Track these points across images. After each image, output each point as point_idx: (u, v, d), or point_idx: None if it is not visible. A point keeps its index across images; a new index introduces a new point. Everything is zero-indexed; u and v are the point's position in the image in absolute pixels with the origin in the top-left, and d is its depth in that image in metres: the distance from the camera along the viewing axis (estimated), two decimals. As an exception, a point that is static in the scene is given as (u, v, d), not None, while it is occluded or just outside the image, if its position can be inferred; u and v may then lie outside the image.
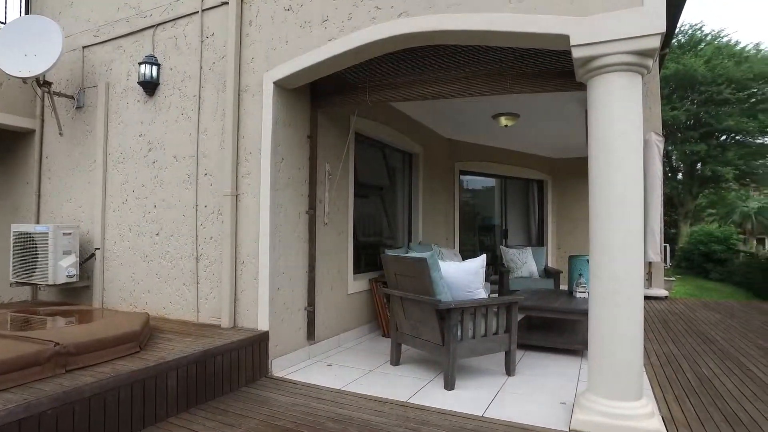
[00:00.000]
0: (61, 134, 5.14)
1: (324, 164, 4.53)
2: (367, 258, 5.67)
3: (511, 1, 3.01)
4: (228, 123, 4.00)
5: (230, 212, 3.95)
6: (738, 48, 22.00)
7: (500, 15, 3.03)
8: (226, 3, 4.12)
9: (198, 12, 4.34)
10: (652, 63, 2.91)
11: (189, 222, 4.29)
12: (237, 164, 4.01)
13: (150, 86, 4.54)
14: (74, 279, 4.68)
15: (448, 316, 3.49)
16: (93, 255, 4.83)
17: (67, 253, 4.64)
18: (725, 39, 22.71)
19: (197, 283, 4.22)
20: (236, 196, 3.99)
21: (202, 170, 4.23)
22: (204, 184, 4.21)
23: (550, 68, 3.48)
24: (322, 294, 4.48)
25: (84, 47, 5.13)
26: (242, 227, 3.98)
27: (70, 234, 4.69)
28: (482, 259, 3.84)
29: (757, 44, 23.20)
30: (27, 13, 5.68)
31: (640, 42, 2.70)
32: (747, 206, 30.79)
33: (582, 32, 2.82)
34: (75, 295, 5.01)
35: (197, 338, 3.53)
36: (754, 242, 29.80)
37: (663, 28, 2.68)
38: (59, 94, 5.07)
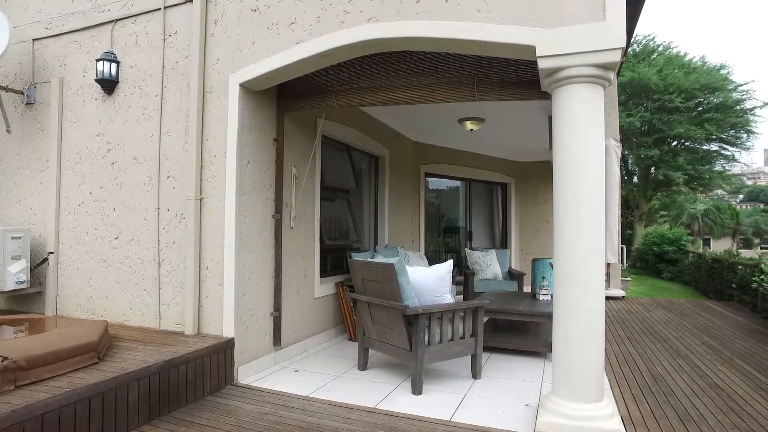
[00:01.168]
0: (8, 131, 4.86)
1: (290, 167, 4.47)
2: (333, 261, 5.64)
3: (480, 10, 3.06)
4: (192, 125, 3.89)
5: (194, 216, 3.84)
6: (686, 59, 23.16)
7: (468, 24, 3.07)
8: (190, 1, 4.01)
9: (160, 9, 4.20)
10: (613, 76, 3.02)
11: (151, 226, 4.15)
12: (201, 167, 3.90)
13: (109, 84, 4.37)
14: (24, 285, 4.45)
15: (416, 321, 3.51)
16: (46, 260, 4.60)
17: (16, 257, 4.40)
18: (675, 50, 23.88)
19: (159, 288, 4.08)
20: (200, 200, 3.88)
21: (165, 173, 4.10)
22: (167, 187, 4.08)
23: (515, 77, 3.55)
24: (288, 298, 4.42)
25: (35, 39, 4.87)
26: (207, 232, 3.88)
27: (19, 238, 4.45)
28: (449, 264, 3.88)
29: (703, 57, 24.50)
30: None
31: (603, 56, 2.80)
32: (695, 208, 32.54)
33: (548, 44, 2.89)
34: (26, 302, 4.75)
35: (159, 346, 3.42)
36: (701, 242, 31.48)
37: (623, 43, 2.79)
38: (6, 89, 4.80)
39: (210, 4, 3.99)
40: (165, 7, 4.19)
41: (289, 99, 4.24)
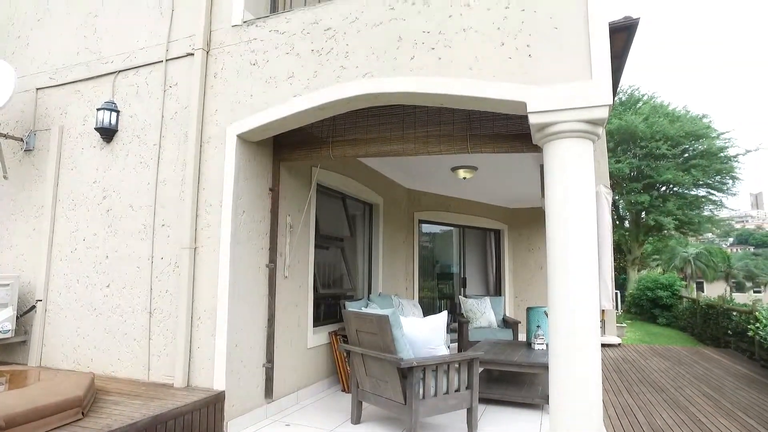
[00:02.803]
0: (5, 177, 4.89)
1: (285, 216, 4.49)
2: (327, 309, 5.58)
3: (471, 68, 3.19)
4: (189, 174, 3.94)
5: (188, 265, 3.82)
6: (670, 108, 23.98)
7: (461, 80, 3.19)
8: (192, 54, 4.14)
9: (162, 61, 4.33)
10: (602, 130, 3.12)
11: (143, 274, 4.11)
12: (196, 216, 3.92)
13: (108, 133, 4.43)
14: (9, 335, 4.33)
15: (410, 374, 3.45)
16: (33, 307, 4.52)
17: (2, 305, 4.31)
18: (659, 100, 24.74)
19: (149, 338, 4.00)
20: (195, 248, 3.88)
21: (160, 221, 4.10)
22: (161, 236, 4.07)
23: (507, 130, 3.66)
24: (280, 349, 4.34)
25: (38, 89, 4.98)
26: (200, 281, 3.85)
27: (8, 285, 4.38)
28: (443, 315, 3.85)
29: (685, 106, 25.47)
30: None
31: (591, 112, 2.91)
32: (686, 252, 32.75)
33: (537, 100, 3.01)
34: (8, 352, 4.62)
35: (147, 400, 3.32)
36: (694, 286, 31.49)
37: (610, 101, 2.90)
38: (6, 136, 4.85)
39: (210, 57, 4.12)
40: (167, 60, 4.31)
41: (285, 149, 4.32)
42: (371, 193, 6.65)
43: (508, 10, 3.18)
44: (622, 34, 7.82)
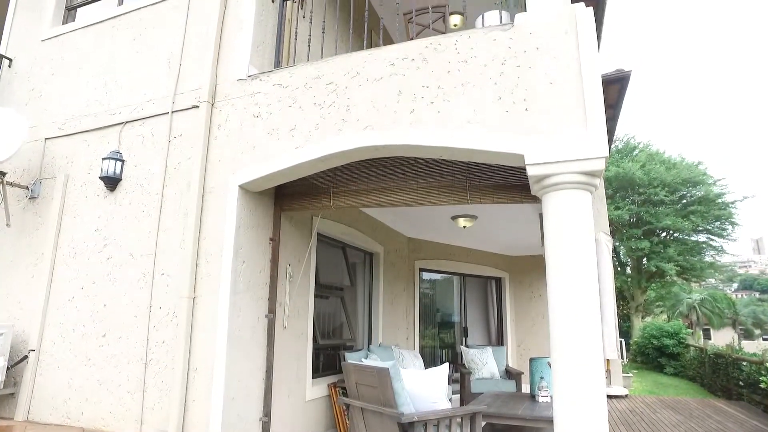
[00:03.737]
0: (8, 225, 4.91)
1: (286, 266, 4.48)
2: (326, 360, 5.46)
3: (470, 121, 3.27)
4: (190, 223, 3.96)
5: (186, 315, 3.78)
6: (666, 156, 24.41)
7: (459, 133, 3.26)
8: (197, 107, 4.25)
9: (168, 113, 4.44)
10: (599, 181, 3.17)
11: (141, 324, 4.05)
12: (197, 265, 3.91)
13: (112, 182, 4.49)
14: (-2, 387, 4.22)
15: (411, 430, 3.33)
16: (26, 357, 4.42)
17: (-5, 356, 4.23)
18: (654, 148, 25.24)
19: (144, 390, 3.89)
20: (194, 298, 3.84)
21: (159, 270, 4.09)
22: (160, 285, 4.05)
23: (506, 181, 3.71)
24: (278, 402, 4.22)
25: (47, 139, 5.09)
26: (198, 331, 3.79)
27: (1, 335, 4.31)
28: (445, 368, 3.78)
29: (680, 154, 26.01)
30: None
31: (587, 164, 2.96)
32: (690, 298, 32.37)
33: (535, 152, 3.06)
34: (-3, 404, 4.49)
35: (136, 459, 3.19)
36: (701, 333, 30.91)
37: (605, 153, 2.96)
38: (12, 184, 4.91)
39: (215, 109, 4.23)
40: (173, 112, 4.43)
41: (286, 199, 4.36)
42: (371, 242, 6.66)
43: (504, 66, 3.29)
44: (615, 86, 8.08)
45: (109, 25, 5.15)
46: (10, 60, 5.71)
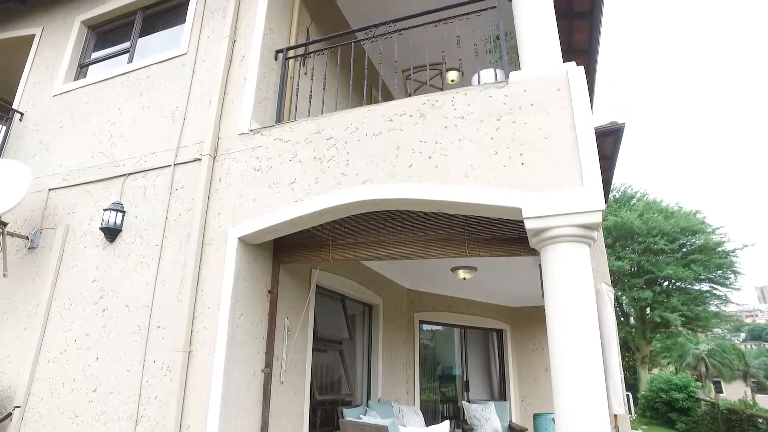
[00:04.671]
0: (5, 275, 4.87)
1: (284, 319, 4.42)
2: (324, 416, 5.28)
3: (467, 175, 3.32)
4: (188, 275, 3.94)
5: (180, 369, 3.68)
6: (664, 205, 24.57)
7: (457, 187, 3.30)
8: (199, 160, 4.33)
9: (171, 165, 4.52)
10: (597, 234, 3.18)
11: (133, 378, 3.95)
12: (193, 318, 3.85)
13: (112, 233, 4.51)
14: (-19, 446, 4.06)
15: (411, 495, 3.18)
16: (10, 414, 4.27)
17: (-21, 413, 4.09)
18: (651, 197, 25.44)
19: (131, 451, 3.74)
20: (189, 352, 3.76)
21: (155, 322, 4.03)
22: (155, 337, 3.98)
23: (505, 234, 3.72)
24: (272, 463, 4.04)
25: (50, 189, 5.15)
26: (192, 386, 3.68)
27: (-13, 391, 4.18)
28: (446, 426, 3.65)
29: (678, 202, 26.12)
30: (2, 150, 5.76)
31: (584, 217, 2.98)
32: (698, 349, 31.59)
33: (532, 206, 3.09)
34: (-23, 465, 4.31)
35: None
36: (711, 386, 29.96)
37: (602, 206, 2.98)
38: (13, 234, 4.93)
39: (217, 162, 4.31)
40: (175, 164, 4.50)
41: (285, 251, 4.36)
42: (371, 294, 6.60)
43: (500, 122, 3.38)
44: (610, 138, 8.25)
45: (118, 81, 5.33)
46: (22, 114, 5.88)
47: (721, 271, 23.20)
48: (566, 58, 3.57)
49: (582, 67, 3.33)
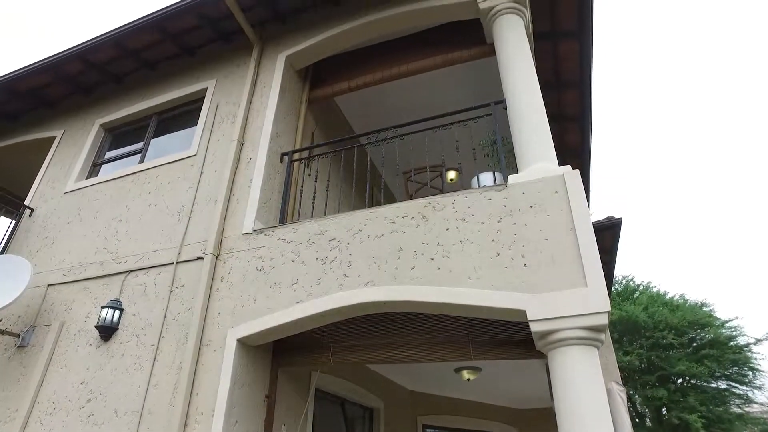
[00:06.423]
0: (-13, 378, 4.68)
1: (281, 425, 4.17)
2: None
3: (470, 277, 3.31)
4: (183, 378, 3.78)
5: (164, 487, 3.41)
6: (668, 297, 24.13)
7: (460, 289, 3.29)
8: (202, 258, 4.34)
9: (173, 263, 4.52)
10: (605, 336, 3.10)
11: (111, 497, 3.64)
12: (185, 425, 3.63)
13: (107, 331, 4.40)
14: None
15: None
16: None
17: None
18: (654, 289, 25.07)
19: None
20: (176, 466, 3.51)
21: (145, 429, 3.79)
22: (142, 448, 3.73)
23: (510, 336, 3.64)
24: None
25: (50, 285, 5.11)
26: (175, 507, 3.38)
27: None
28: None
29: (682, 294, 25.61)
30: (8, 244, 5.81)
31: (590, 319, 2.93)
32: (728, 457, 29.24)
33: (536, 308, 3.05)
34: None
35: None
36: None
37: (607, 307, 2.95)
38: (4, 332, 4.80)
39: (219, 261, 4.31)
40: (177, 262, 4.51)
41: (285, 354, 4.23)
42: (372, 397, 6.28)
43: (501, 224, 3.44)
44: (608, 232, 8.35)
45: (129, 180, 5.52)
46: (32, 210, 6.01)
47: (737, 368, 22.20)
48: (560, 157, 3.73)
49: (577, 171, 3.47)
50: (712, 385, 22.49)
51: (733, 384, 22.66)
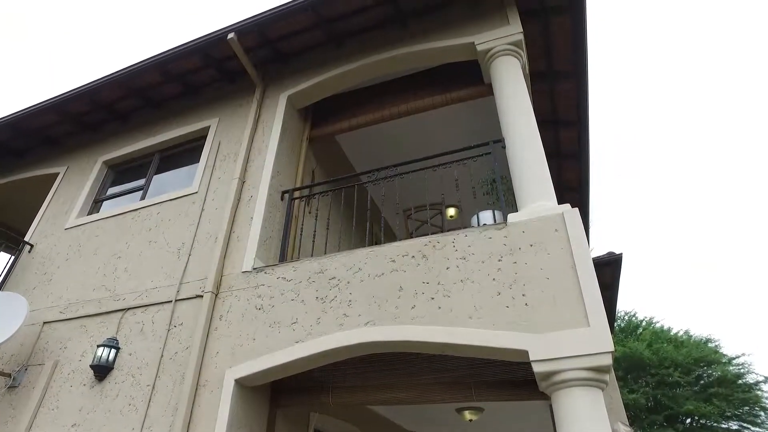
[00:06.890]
0: (-26, 422, 4.56)
1: (277, 472, 4.05)
2: None
3: (471, 317, 3.28)
4: (179, 420, 3.68)
5: None
6: (672, 333, 23.75)
7: (460, 329, 3.25)
8: (201, 296, 4.31)
9: (171, 301, 4.47)
10: (609, 377, 3.04)
11: None
12: (178, 472, 3.52)
13: (102, 371, 4.32)
14: None
15: None
16: None
17: None
18: (658, 325, 24.70)
19: None
20: None
21: (134, 477, 3.68)
22: (131, 497, 3.59)
23: (513, 377, 3.57)
24: None
25: (45, 323, 5.04)
26: None
27: None
28: None
29: (687, 330, 25.23)
30: (5, 281, 5.76)
31: (593, 359, 2.89)
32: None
33: (539, 348, 3.01)
34: None
35: None
36: None
37: (611, 347, 2.90)
38: (-5, 373, 4.72)
39: (218, 300, 4.27)
40: (176, 300, 4.46)
41: (283, 395, 4.14)
42: (371, 438, 6.10)
43: (501, 263, 3.43)
44: (609, 268, 8.32)
45: (129, 217, 5.53)
46: (32, 246, 6.00)
47: (747, 407, 21.60)
48: (559, 194, 3.75)
49: (577, 209, 3.48)
50: (723, 426, 21.83)
51: (745, 425, 21.99)
